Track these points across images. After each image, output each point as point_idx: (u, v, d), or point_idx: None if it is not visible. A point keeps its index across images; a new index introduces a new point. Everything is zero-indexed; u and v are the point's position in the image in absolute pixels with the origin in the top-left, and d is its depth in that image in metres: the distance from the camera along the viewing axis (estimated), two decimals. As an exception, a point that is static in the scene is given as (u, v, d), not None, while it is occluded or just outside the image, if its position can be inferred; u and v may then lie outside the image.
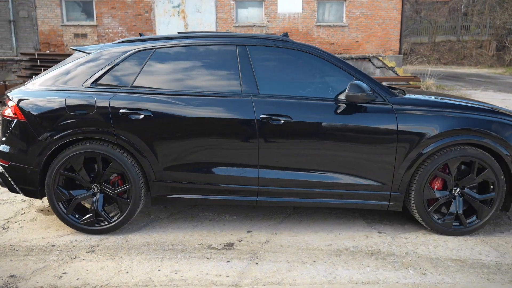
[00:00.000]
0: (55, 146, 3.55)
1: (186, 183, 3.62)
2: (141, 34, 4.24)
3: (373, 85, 3.63)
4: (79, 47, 3.92)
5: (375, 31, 15.62)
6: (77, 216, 3.67)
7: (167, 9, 15.10)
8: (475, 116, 3.62)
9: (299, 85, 3.80)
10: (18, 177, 3.67)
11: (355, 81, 3.50)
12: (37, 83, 3.73)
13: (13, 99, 3.67)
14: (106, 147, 3.55)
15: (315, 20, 15.44)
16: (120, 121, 3.51)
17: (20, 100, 3.63)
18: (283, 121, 3.50)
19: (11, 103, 3.67)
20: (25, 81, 3.54)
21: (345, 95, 3.52)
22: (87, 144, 3.56)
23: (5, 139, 3.70)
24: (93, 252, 3.39)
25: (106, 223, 3.65)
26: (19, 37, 14.86)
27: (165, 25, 15.10)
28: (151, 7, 15.02)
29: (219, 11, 15.16)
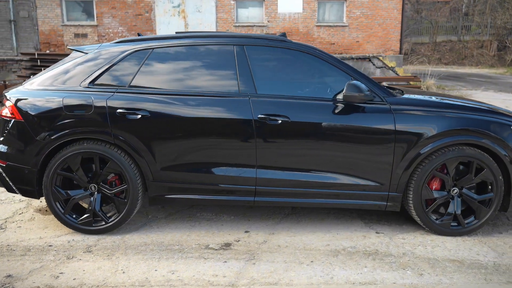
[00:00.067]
0: (53, 146, 3.55)
1: (183, 183, 3.62)
2: (139, 34, 4.24)
3: (371, 85, 3.62)
4: (77, 47, 3.92)
5: (376, 31, 15.60)
6: (74, 216, 3.67)
7: (167, 9, 15.10)
8: (473, 116, 3.61)
9: (297, 85, 3.79)
10: (15, 177, 3.68)
11: (353, 81, 3.50)
12: (35, 83, 3.73)
13: (10, 99, 3.67)
14: (103, 147, 3.55)
15: (316, 20, 15.42)
16: (117, 121, 3.51)
17: (17, 100, 3.63)
18: (280, 121, 3.50)
19: (8, 103, 3.67)
20: (25, 81, 3.53)
21: (343, 95, 3.51)
22: (85, 144, 3.56)
23: (2, 139, 3.70)
24: (90, 252, 3.39)
25: (103, 223, 3.65)
26: (20, 37, 14.87)
27: (166, 25, 15.10)
28: (151, 7, 15.02)
29: (220, 11, 15.16)
